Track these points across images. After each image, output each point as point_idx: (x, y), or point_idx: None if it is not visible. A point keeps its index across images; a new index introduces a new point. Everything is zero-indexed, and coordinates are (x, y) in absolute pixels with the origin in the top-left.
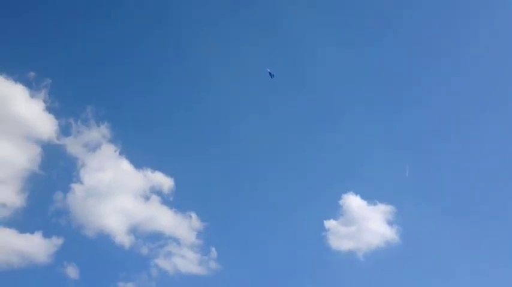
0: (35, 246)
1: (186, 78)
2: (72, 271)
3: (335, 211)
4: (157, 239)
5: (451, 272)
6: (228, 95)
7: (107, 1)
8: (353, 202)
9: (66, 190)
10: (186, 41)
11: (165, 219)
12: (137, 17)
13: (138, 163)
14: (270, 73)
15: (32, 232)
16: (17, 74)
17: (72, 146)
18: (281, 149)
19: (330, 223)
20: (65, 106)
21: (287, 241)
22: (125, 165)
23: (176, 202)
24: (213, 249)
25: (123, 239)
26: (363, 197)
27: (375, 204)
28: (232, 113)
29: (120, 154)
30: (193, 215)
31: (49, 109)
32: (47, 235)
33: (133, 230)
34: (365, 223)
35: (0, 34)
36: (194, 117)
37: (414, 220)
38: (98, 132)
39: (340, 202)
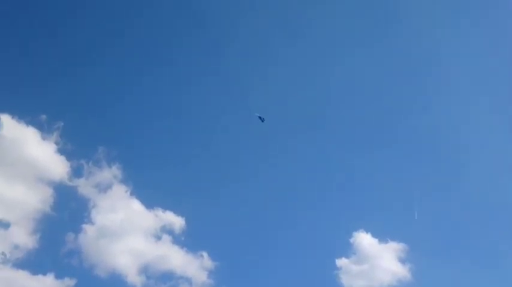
0: None
1: (194, 117)
2: None
3: (346, 249)
4: (168, 278)
5: None
6: (236, 135)
7: (112, 42)
8: (364, 240)
9: (78, 230)
10: (192, 79)
11: (176, 258)
12: (144, 55)
13: (149, 203)
14: (260, 117)
15: (44, 274)
16: (29, 117)
17: (84, 187)
18: (291, 189)
19: (341, 262)
20: (77, 148)
21: (299, 280)
22: (136, 205)
23: (187, 241)
24: None
25: (135, 279)
26: (374, 235)
27: (386, 242)
28: (242, 154)
29: (131, 194)
30: (205, 254)
31: (61, 151)
32: (59, 276)
33: (145, 270)
34: (377, 261)
35: (11, 77)
36: (205, 156)
37: (427, 258)
38: (109, 173)
39: (351, 240)
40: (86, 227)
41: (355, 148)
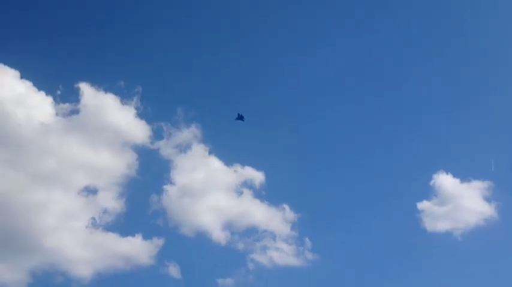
0: (138, 248)
1: (271, 76)
2: (174, 270)
3: (427, 192)
4: (252, 233)
5: None
6: (313, 86)
7: (184, 10)
8: (445, 181)
9: (162, 191)
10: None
11: (258, 213)
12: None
13: (228, 160)
14: (240, 116)
15: (133, 235)
16: (107, 84)
17: (165, 148)
18: (368, 137)
19: (423, 205)
20: (156, 111)
21: (381, 226)
22: (216, 163)
23: (268, 195)
24: (308, 239)
25: (219, 235)
26: (455, 175)
27: (469, 181)
28: (318, 102)
29: (210, 152)
30: (286, 207)
31: (141, 115)
32: (147, 236)
33: (229, 226)
34: (460, 201)
35: (87, 47)
36: (281, 112)
37: None
38: (189, 133)
39: (431, 183)
40: (169, 187)
41: (430, 85)
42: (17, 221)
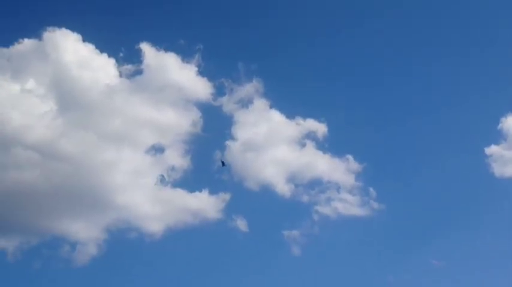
0: (205, 203)
1: (334, 28)
2: (241, 224)
3: (495, 136)
4: (316, 185)
5: None
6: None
7: None
8: None
9: (225, 147)
10: None
11: (321, 164)
12: None
13: (290, 113)
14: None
15: (200, 190)
16: (168, 43)
17: (227, 104)
18: (431, 84)
19: (491, 150)
20: (217, 67)
21: (447, 173)
22: (277, 116)
23: (331, 146)
24: (372, 190)
25: (284, 188)
26: None
27: None
28: (381, 53)
29: (271, 106)
30: (350, 157)
31: (202, 73)
32: (213, 191)
33: (293, 179)
34: None
35: (147, 8)
36: (338, 63)
37: None
38: (250, 88)
39: (500, 126)
40: (232, 143)
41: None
42: (90, 180)
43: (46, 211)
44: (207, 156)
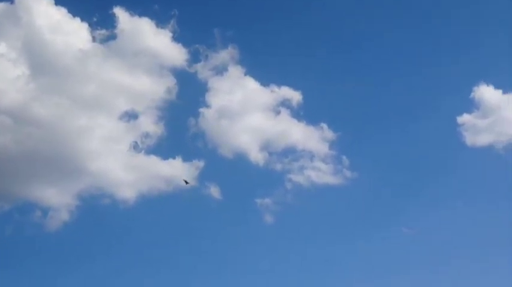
0: (178, 170)
1: None
2: (214, 191)
3: (467, 104)
4: (290, 153)
5: None
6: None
7: None
8: (486, 93)
9: (199, 114)
10: None
11: (296, 132)
12: None
13: (265, 81)
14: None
15: (173, 157)
16: (142, 8)
17: (202, 71)
18: (404, 51)
19: (463, 118)
20: (192, 33)
21: (419, 142)
22: (252, 84)
23: (306, 114)
24: (346, 158)
25: (257, 156)
26: (497, 87)
27: None
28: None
29: (246, 74)
30: (325, 126)
31: (177, 39)
32: (187, 159)
33: (266, 147)
34: (503, 113)
35: None
36: (315, 34)
37: None
38: (226, 54)
39: (472, 95)
40: (206, 110)
41: None
42: (63, 145)
43: (18, 176)
44: (181, 123)
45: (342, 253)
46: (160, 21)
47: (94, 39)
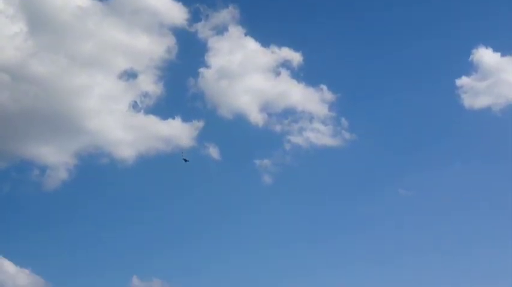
0: (178, 130)
1: None
2: (213, 151)
3: (466, 67)
4: (289, 114)
5: None
6: None
7: None
8: (485, 55)
9: (199, 74)
10: None
11: (296, 94)
12: None
13: (265, 41)
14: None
15: (173, 118)
16: None
17: (202, 31)
18: (403, 16)
19: (462, 81)
20: None
21: (419, 104)
22: (253, 44)
23: (306, 75)
24: (345, 120)
25: (257, 117)
26: (496, 49)
27: (511, 54)
28: None
29: (247, 34)
30: (324, 87)
31: None
32: (187, 119)
33: (266, 108)
34: (502, 75)
35: None
36: None
37: None
38: (227, 14)
39: (471, 58)
40: (206, 70)
41: None
42: (61, 103)
43: (15, 134)
44: (180, 83)
45: (340, 214)
46: None
47: None
